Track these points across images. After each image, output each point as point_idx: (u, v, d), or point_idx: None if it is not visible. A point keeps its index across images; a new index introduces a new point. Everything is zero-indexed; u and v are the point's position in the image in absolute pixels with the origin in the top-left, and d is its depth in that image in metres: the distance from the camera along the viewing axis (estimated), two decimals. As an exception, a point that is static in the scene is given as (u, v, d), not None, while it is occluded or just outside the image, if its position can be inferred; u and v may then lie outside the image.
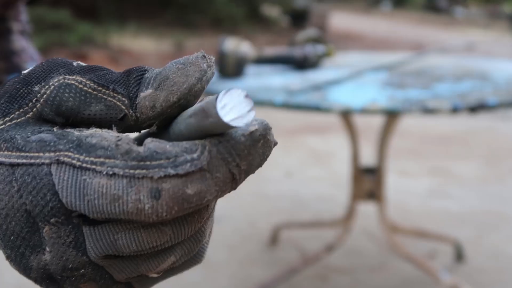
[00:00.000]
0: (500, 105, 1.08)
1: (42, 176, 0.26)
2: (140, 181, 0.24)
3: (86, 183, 0.25)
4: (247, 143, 0.26)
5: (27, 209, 0.26)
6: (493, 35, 13.37)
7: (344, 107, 1.09)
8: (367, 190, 1.69)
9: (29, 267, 0.27)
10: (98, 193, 0.25)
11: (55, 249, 0.26)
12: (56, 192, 0.25)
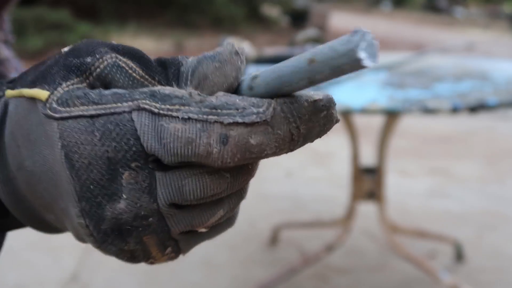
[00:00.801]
0: (500, 105, 1.08)
1: (125, 123, 0.27)
2: (211, 126, 0.27)
3: (163, 128, 0.27)
4: (309, 109, 0.29)
5: (109, 156, 0.28)
6: (493, 35, 13.37)
7: (344, 107, 1.09)
8: (367, 190, 1.69)
9: (102, 218, 0.28)
10: (174, 137, 0.27)
11: (131, 195, 0.28)
12: (138, 137, 0.27)
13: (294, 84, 0.29)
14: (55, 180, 0.29)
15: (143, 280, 1.83)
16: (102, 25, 8.66)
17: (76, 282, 1.82)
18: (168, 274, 1.87)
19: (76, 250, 2.04)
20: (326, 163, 3.17)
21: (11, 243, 1.66)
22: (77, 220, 0.29)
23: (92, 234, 0.29)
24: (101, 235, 0.29)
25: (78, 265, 1.93)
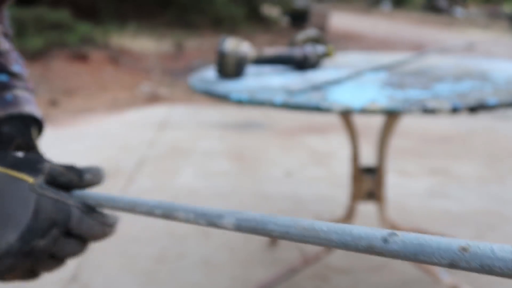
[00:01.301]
0: (500, 105, 1.08)
1: (68, 210, 0.52)
2: None
3: (84, 221, 0.55)
4: None
5: (55, 219, 0.50)
6: (493, 35, 13.36)
7: (344, 107, 1.09)
8: (367, 190, 1.69)
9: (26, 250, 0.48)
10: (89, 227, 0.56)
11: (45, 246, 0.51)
12: (69, 219, 0.52)
13: (435, 260, 0.31)
14: (16, 217, 0.47)
15: (143, 280, 1.83)
16: (102, 25, 8.65)
17: (76, 282, 1.82)
18: (168, 274, 1.87)
19: (76, 250, 2.04)
20: (326, 163, 3.17)
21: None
22: (6, 241, 0.46)
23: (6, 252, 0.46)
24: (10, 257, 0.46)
25: (78, 265, 1.93)
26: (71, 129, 3.93)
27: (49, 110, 4.68)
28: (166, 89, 5.97)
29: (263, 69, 1.56)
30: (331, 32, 11.95)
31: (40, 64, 6.29)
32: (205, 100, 5.28)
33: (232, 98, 1.21)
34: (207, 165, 3.09)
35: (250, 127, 4.02)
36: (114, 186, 2.72)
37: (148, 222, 2.30)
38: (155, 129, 3.93)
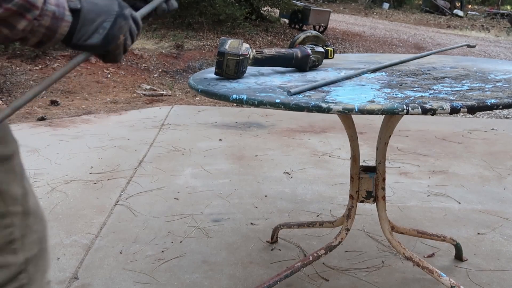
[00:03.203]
0: (499, 105, 1.08)
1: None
2: None
3: None
4: None
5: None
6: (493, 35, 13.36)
7: (344, 107, 1.09)
8: (367, 190, 1.69)
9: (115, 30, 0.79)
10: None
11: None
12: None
13: None
14: (108, 8, 0.76)
15: (143, 280, 1.83)
16: (102, 25, 8.63)
17: (76, 282, 1.82)
18: (168, 274, 1.87)
19: (76, 250, 2.04)
20: (326, 163, 3.17)
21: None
22: (102, 23, 0.75)
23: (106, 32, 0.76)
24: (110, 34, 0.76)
25: (78, 265, 1.93)
26: (71, 129, 3.93)
27: (49, 110, 4.68)
28: (166, 89, 5.97)
29: (263, 70, 1.57)
30: (331, 33, 11.95)
31: (40, 64, 6.29)
32: (205, 100, 5.28)
33: (232, 98, 1.21)
34: (207, 165, 3.09)
35: (250, 127, 4.02)
36: (114, 186, 2.72)
37: (148, 222, 2.30)
38: (155, 129, 3.93)
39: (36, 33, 0.71)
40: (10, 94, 5.16)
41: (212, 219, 2.35)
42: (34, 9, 0.68)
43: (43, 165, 3.05)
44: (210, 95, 1.28)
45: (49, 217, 2.35)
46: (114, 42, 0.77)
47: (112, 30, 0.76)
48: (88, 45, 0.76)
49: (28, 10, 0.68)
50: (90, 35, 0.75)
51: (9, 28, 0.68)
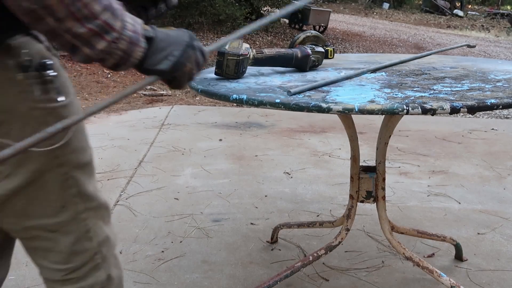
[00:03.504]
0: (499, 105, 1.08)
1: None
2: None
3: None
4: None
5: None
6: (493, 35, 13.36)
7: (344, 107, 1.09)
8: (367, 190, 1.69)
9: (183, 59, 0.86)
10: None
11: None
12: None
13: None
14: (179, 39, 0.84)
15: (143, 280, 1.83)
16: (102, 26, 8.64)
17: (76, 282, 1.82)
18: (168, 274, 1.87)
19: (76, 250, 2.04)
20: (326, 163, 3.17)
21: (11, 243, 1.61)
22: (173, 52, 0.82)
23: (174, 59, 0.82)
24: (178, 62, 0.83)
25: (78, 265, 1.93)
26: (71, 129, 3.93)
27: (49, 110, 4.68)
28: (166, 89, 5.98)
29: (263, 70, 1.57)
30: (331, 33, 11.95)
31: (40, 65, 6.29)
32: (205, 100, 5.28)
33: (232, 98, 1.21)
34: (207, 165, 3.09)
35: (250, 127, 4.02)
36: (114, 186, 2.72)
37: (148, 222, 2.30)
38: (155, 129, 3.93)
39: (113, 55, 0.78)
40: (10, 94, 5.16)
41: (212, 219, 2.35)
42: (113, 32, 0.76)
43: (43, 165, 3.04)
44: (210, 95, 1.28)
45: (49, 217, 2.35)
46: (181, 70, 0.84)
47: (181, 58, 0.83)
48: (158, 70, 0.83)
49: (107, 32, 0.75)
50: (161, 61, 0.82)
51: (90, 47, 0.76)
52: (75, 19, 0.73)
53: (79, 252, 0.98)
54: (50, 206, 0.92)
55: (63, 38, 0.75)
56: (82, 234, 0.98)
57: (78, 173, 0.94)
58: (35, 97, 0.86)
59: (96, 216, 1.00)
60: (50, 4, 0.70)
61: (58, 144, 0.89)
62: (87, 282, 1.00)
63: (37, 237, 0.95)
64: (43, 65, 0.86)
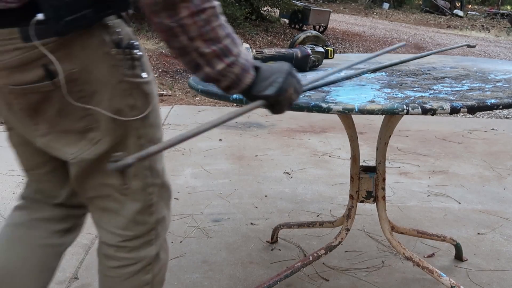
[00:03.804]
0: (499, 105, 1.08)
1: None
2: None
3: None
4: None
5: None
6: (493, 35, 13.36)
7: (344, 107, 1.09)
8: (367, 190, 1.69)
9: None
10: None
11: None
12: None
13: None
14: (281, 68, 0.96)
15: (143, 280, 1.83)
16: (102, 26, 8.64)
17: (76, 282, 1.82)
18: (168, 274, 1.87)
19: (76, 250, 2.04)
20: (326, 163, 3.17)
21: (11, 243, 1.60)
22: (276, 79, 0.94)
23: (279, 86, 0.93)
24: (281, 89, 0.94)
25: (78, 265, 1.93)
26: (71, 129, 3.93)
27: (49, 110, 4.68)
28: (166, 89, 5.98)
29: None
30: (331, 33, 11.95)
31: (40, 65, 6.28)
32: (205, 100, 5.29)
33: (232, 98, 1.21)
34: (207, 165, 3.09)
35: (250, 127, 4.02)
36: (114, 186, 2.72)
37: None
38: (155, 129, 3.93)
39: (227, 78, 0.92)
40: (10, 94, 5.15)
41: (212, 219, 2.35)
42: (231, 56, 0.90)
43: (43, 165, 3.04)
44: (210, 95, 1.28)
45: (49, 217, 2.35)
46: (284, 94, 0.94)
47: (284, 84, 0.94)
48: (264, 96, 0.94)
49: (226, 55, 0.89)
50: (267, 88, 0.93)
51: (211, 67, 0.90)
52: (203, 40, 0.86)
53: (139, 223, 1.07)
54: None
55: (190, 56, 0.88)
56: (146, 206, 1.07)
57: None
58: (124, 72, 0.95)
59: (160, 194, 1.10)
60: (186, 24, 0.85)
61: (140, 115, 0.99)
62: (138, 254, 1.09)
63: (109, 197, 1.05)
64: (131, 44, 0.96)
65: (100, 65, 0.93)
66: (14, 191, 2.66)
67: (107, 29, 0.92)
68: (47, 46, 0.87)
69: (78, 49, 0.90)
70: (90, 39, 0.91)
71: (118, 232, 1.08)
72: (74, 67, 0.91)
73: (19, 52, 0.88)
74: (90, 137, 0.98)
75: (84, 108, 0.94)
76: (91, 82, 0.93)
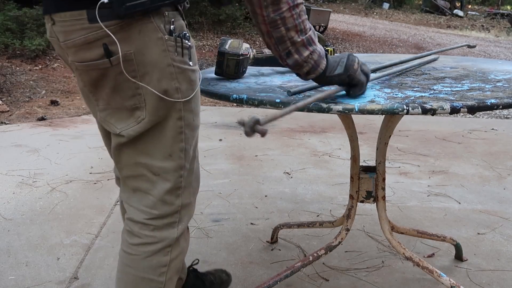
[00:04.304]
0: (499, 105, 1.08)
1: None
2: None
3: None
4: None
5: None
6: (493, 35, 13.36)
7: (344, 107, 1.09)
8: (367, 190, 1.69)
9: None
10: None
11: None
12: None
13: None
14: (341, 55, 1.17)
15: (143, 280, 1.82)
16: (102, 25, 8.63)
17: (76, 282, 1.82)
18: (168, 274, 1.86)
19: (76, 250, 2.04)
20: (326, 163, 3.17)
21: (11, 243, 1.66)
22: (340, 61, 1.15)
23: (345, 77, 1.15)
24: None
25: (78, 265, 1.93)
26: (71, 129, 3.93)
27: (50, 110, 4.69)
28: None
29: (263, 69, 1.57)
30: (331, 33, 11.95)
31: (40, 64, 6.29)
32: (205, 100, 5.28)
33: (232, 98, 1.21)
34: (207, 165, 3.09)
35: (250, 127, 4.01)
36: (114, 186, 2.72)
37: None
38: (155, 129, 3.92)
39: (308, 63, 1.10)
40: (10, 94, 5.16)
41: (212, 219, 2.35)
42: (313, 44, 1.09)
43: (43, 165, 3.05)
44: (210, 95, 1.28)
45: (49, 217, 2.35)
46: (352, 69, 1.14)
47: (348, 61, 1.14)
48: (336, 74, 1.14)
49: (310, 44, 1.09)
50: (336, 68, 1.14)
51: (299, 54, 1.08)
52: (296, 31, 1.05)
53: (166, 203, 1.15)
54: (161, 150, 1.12)
55: (285, 44, 1.06)
56: (175, 188, 1.15)
57: (188, 132, 1.13)
58: (174, 57, 1.06)
59: (188, 180, 1.18)
60: (286, 17, 1.03)
61: (183, 99, 1.09)
62: (161, 234, 1.16)
63: (142, 176, 1.15)
64: (183, 34, 1.06)
65: (153, 49, 1.03)
66: (14, 191, 2.66)
67: (162, 17, 1.03)
68: (109, 28, 0.98)
69: (135, 32, 1.01)
70: (147, 25, 1.01)
71: (145, 210, 1.15)
72: (130, 49, 1.01)
73: (85, 32, 1.00)
74: (136, 115, 1.08)
75: (135, 87, 1.05)
76: (144, 64, 1.03)
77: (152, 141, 1.11)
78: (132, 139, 1.11)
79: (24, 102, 4.94)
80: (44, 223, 2.28)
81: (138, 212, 1.16)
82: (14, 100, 4.96)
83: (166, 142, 1.11)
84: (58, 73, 6.10)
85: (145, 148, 1.12)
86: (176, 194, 1.16)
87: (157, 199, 1.14)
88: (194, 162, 1.19)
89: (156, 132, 1.10)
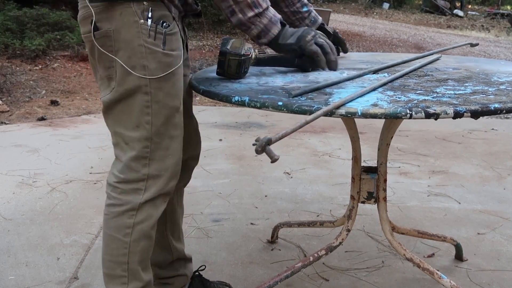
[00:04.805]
0: (503, 110, 1.07)
1: None
2: None
3: None
4: None
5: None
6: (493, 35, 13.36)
7: (347, 111, 1.09)
8: (368, 191, 1.69)
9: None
10: None
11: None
12: None
13: None
14: (301, 27, 1.39)
15: (144, 280, 1.82)
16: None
17: (76, 282, 1.82)
18: (169, 274, 1.87)
19: (76, 250, 2.04)
20: (326, 163, 3.17)
21: (11, 243, 1.66)
22: (295, 33, 1.34)
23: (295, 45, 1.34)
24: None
25: (78, 265, 1.93)
26: (71, 129, 3.93)
27: (50, 110, 4.68)
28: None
29: (265, 69, 1.56)
30: (331, 32, 11.92)
31: (40, 64, 6.28)
32: (205, 100, 5.28)
33: (234, 100, 1.21)
34: (207, 165, 3.09)
35: (250, 127, 4.02)
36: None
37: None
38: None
39: (256, 26, 1.27)
40: (10, 94, 5.15)
41: (212, 219, 2.35)
42: (259, 7, 1.25)
43: (43, 165, 3.04)
44: (212, 96, 1.28)
45: (49, 217, 2.35)
46: (303, 40, 1.31)
47: (301, 34, 1.32)
48: (288, 43, 1.31)
49: (256, 6, 1.25)
50: (289, 38, 1.31)
51: (243, 14, 1.24)
52: None
53: (132, 169, 1.27)
54: (131, 120, 1.26)
55: (228, 3, 1.23)
56: (140, 157, 1.27)
57: (156, 108, 1.24)
58: (146, 39, 1.21)
59: (157, 153, 1.28)
60: None
61: (149, 76, 1.22)
62: (126, 197, 1.29)
63: (117, 145, 1.31)
64: (161, 23, 1.22)
65: (129, 30, 1.20)
66: (14, 191, 2.66)
67: (142, 5, 1.20)
68: (96, 8, 1.20)
69: (117, 14, 1.20)
70: (127, 9, 1.20)
71: (115, 174, 1.30)
72: (111, 27, 1.20)
73: (84, 10, 1.24)
74: (111, 85, 1.24)
75: (110, 60, 1.22)
76: (119, 41, 1.20)
77: (124, 112, 1.26)
78: (109, 108, 1.27)
79: (24, 102, 4.93)
80: (44, 223, 2.28)
81: (112, 175, 1.31)
82: (14, 100, 4.95)
83: (134, 113, 1.25)
84: (58, 73, 6.09)
85: (119, 118, 1.27)
86: (142, 163, 1.27)
87: (124, 164, 1.28)
88: (167, 140, 1.28)
89: (126, 104, 1.24)
